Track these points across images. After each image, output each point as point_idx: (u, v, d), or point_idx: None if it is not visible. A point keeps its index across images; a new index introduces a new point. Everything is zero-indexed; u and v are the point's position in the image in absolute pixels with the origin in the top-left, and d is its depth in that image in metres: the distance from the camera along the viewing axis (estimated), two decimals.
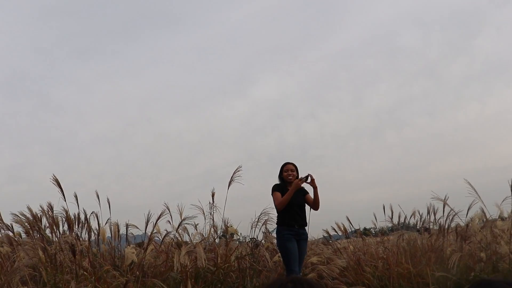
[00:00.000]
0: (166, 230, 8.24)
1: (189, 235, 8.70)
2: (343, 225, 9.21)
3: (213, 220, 8.50)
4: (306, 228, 7.10)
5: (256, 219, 8.58)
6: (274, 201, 6.98)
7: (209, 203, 8.45)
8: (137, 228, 8.36)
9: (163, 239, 8.16)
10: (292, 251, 6.60)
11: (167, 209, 8.15)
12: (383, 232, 9.98)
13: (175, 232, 8.17)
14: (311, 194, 7.03)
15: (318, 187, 6.79)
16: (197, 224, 8.82)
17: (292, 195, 6.82)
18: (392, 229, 9.38)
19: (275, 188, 7.07)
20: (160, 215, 7.92)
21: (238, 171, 8.34)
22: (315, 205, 6.93)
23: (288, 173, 7.13)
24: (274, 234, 8.55)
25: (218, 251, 8.32)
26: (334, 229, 9.28)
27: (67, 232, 7.45)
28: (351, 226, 9.11)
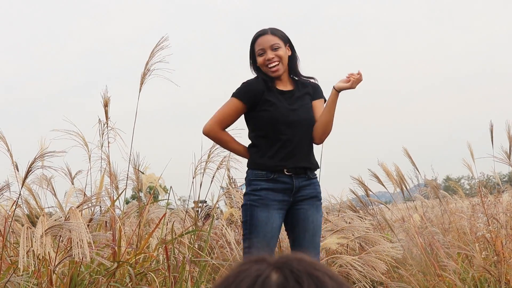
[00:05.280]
0: None
1: (55, 193, 4.19)
2: (398, 170, 4.55)
3: (108, 160, 3.95)
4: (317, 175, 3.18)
5: (205, 157, 4.04)
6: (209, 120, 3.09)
7: (99, 121, 3.92)
8: None
9: None
10: (263, 228, 2.92)
11: None
12: (487, 187, 5.23)
13: (20, 187, 3.74)
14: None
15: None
16: (74, 169, 4.30)
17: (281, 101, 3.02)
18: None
19: (240, 91, 3.03)
20: None
21: (161, 47, 3.85)
22: (323, 129, 3.05)
23: (265, 56, 2.99)
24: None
25: (121, 227, 3.84)
26: (377, 178, 4.60)
27: None
28: (417, 174, 4.51)
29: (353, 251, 4.40)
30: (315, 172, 3.10)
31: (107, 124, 3.87)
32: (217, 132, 3.03)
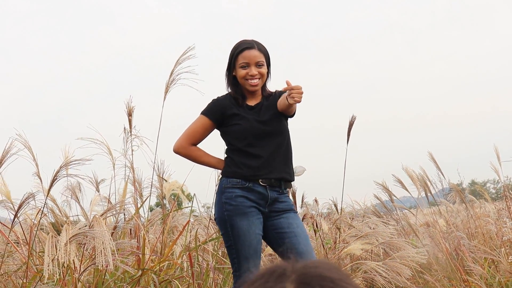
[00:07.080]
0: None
1: (79, 201, 4.24)
2: (423, 174, 4.48)
3: (132, 167, 3.98)
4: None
5: None
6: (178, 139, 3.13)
7: (124, 129, 3.95)
8: None
9: (16, 213, 3.77)
10: (247, 237, 2.89)
11: (23, 146, 3.85)
12: None
13: (45, 196, 3.78)
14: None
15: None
16: (99, 177, 4.33)
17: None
18: None
19: (207, 108, 3.11)
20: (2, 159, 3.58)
21: (187, 57, 3.85)
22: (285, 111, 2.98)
23: (248, 70, 2.96)
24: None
25: (145, 235, 3.86)
26: (401, 183, 4.54)
27: None
28: (442, 178, 4.43)
29: (378, 256, 4.35)
30: (290, 183, 3.08)
31: (130, 132, 3.91)
32: (186, 149, 3.06)
